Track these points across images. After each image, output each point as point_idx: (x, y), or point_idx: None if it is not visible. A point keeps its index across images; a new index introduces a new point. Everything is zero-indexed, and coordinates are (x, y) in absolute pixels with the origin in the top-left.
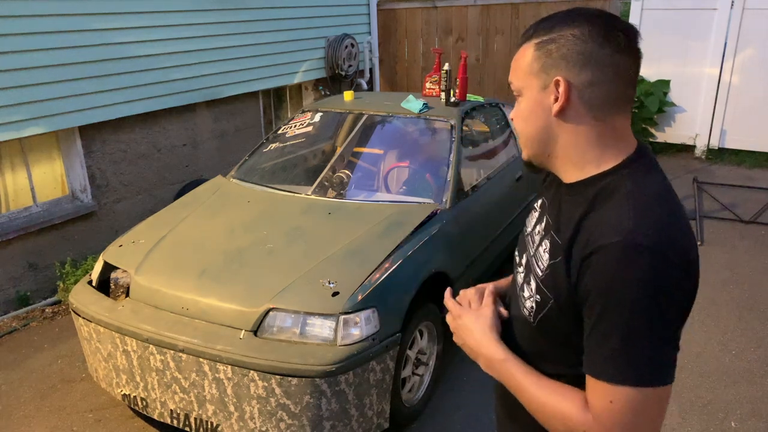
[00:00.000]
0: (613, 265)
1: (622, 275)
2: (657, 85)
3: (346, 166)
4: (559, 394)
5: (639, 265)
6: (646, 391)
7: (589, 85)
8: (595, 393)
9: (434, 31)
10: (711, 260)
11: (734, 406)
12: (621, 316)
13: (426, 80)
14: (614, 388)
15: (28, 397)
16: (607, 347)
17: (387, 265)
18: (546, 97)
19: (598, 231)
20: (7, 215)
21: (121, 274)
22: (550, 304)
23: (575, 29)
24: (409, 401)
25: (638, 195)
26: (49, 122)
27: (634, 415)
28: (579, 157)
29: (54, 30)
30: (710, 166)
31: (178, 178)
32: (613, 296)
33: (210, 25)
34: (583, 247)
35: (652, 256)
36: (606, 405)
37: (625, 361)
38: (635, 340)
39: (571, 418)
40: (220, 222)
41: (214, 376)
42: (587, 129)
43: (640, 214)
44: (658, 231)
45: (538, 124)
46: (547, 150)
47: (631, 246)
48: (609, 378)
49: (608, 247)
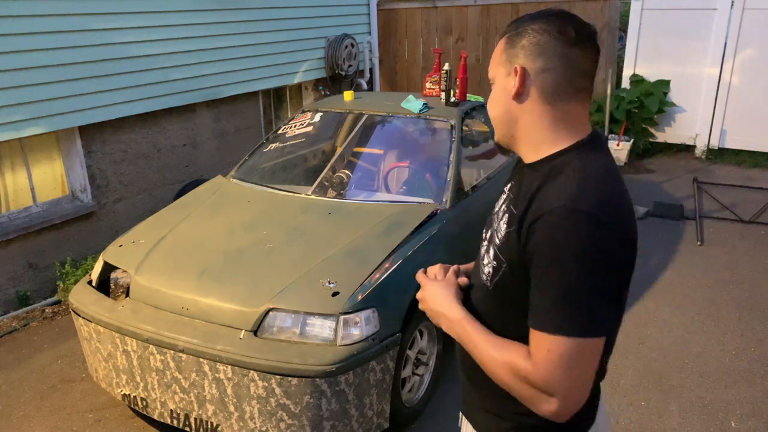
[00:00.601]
0: (554, 226)
1: (562, 235)
2: (657, 85)
3: (346, 166)
4: (506, 348)
5: (577, 226)
6: (579, 342)
7: (541, 72)
8: (535, 343)
9: (434, 31)
10: (711, 260)
11: (734, 406)
12: (558, 272)
13: (426, 80)
14: (551, 338)
15: (28, 397)
16: (546, 300)
17: (387, 265)
18: (508, 83)
19: (546, 200)
20: (7, 215)
21: (121, 274)
22: (503, 269)
23: (536, 24)
24: (409, 401)
25: (584, 171)
26: (49, 122)
27: (568, 363)
28: (535, 138)
29: (54, 30)
30: (710, 166)
31: (178, 178)
32: (553, 254)
33: (210, 25)
34: (532, 215)
35: (589, 219)
36: (544, 354)
37: (561, 312)
38: (571, 294)
39: (515, 367)
40: (220, 222)
41: (214, 376)
42: (541, 112)
43: (583, 185)
44: (597, 199)
45: (501, 107)
46: (510, 131)
47: (571, 209)
48: (545, 328)
49: (552, 212)
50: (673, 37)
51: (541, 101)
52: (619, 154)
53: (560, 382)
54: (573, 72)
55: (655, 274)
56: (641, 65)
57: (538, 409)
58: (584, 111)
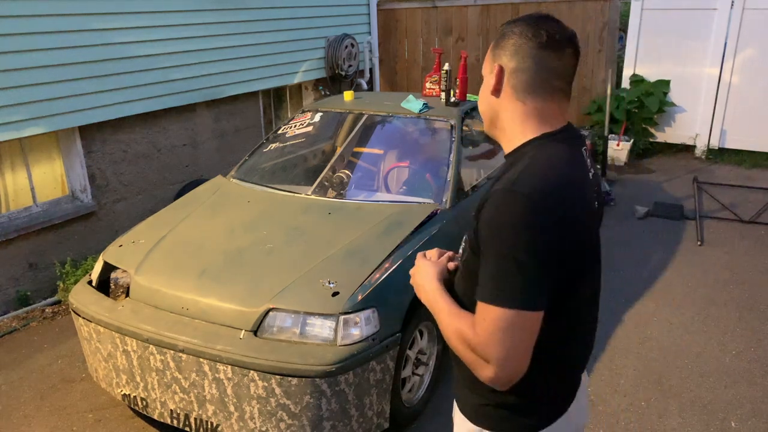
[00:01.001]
0: (493, 207)
1: (497, 213)
2: (657, 85)
3: (346, 166)
4: (459, 316)
5: (511, 206)
6: (512, 313)
7: (514, 71)
8: (477, 312)
9: (434, 31)
10: (711, 260)
11: (734, 406)
12: (494, 247)
13: (426, 80)
14: (487, 307)
15: (28, 397)
16: (486, 273)
17: (387, 265)
18: (491, 80)
19: (497, 185)
20: (7, 215)
21: (121, 274)
22: (466, 248)
23: (516, 28)
24: (409, 401)
25: (534, 158)
26: (49, 122)
27: (502, 332)
28: (509, 131)
29: (54, 30)
30: (710, 166)
31: (178, 178)
32: (490, 231)
33: (210, 25)
34: (484, 198)
35: (522, 199)
36: (482, 321)
37: (496, 284)
38: (504, 268)
39: (462, 333)
40: (220, 222)
41: (214, 376)
42: (513, 107)
43: (527, 171)
44: (533, 183)
45: (485, 102)
46: (493, 123)
47: (508, 191)
48: (484, 298)
49: (494, 193)
50: (673, 37)
51: (514, 97)
52: (619, 154)
53: (494, 348)
54: (544, 72)
55: (655, 274)
56: (641, 65)
57: (479, 374)
58: (559, 108)
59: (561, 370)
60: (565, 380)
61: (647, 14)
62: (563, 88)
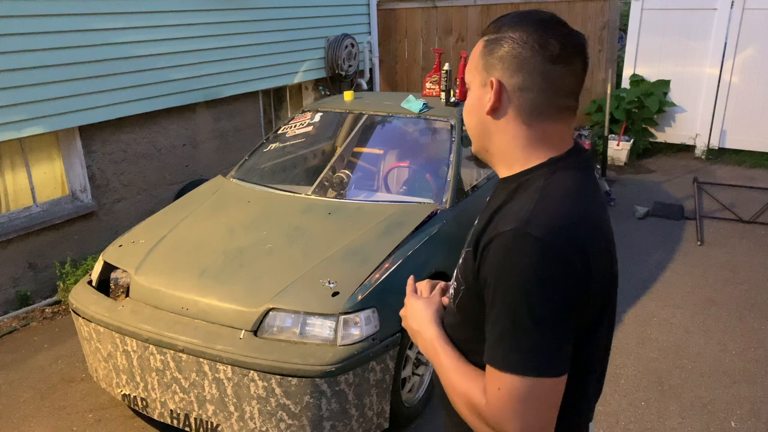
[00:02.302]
0: (503, 251)
1: (509, 261)
2: (657, 85)
3: (346, 166)
4: (467, 377)
5: (524, 253)
6: (531, 381)
7: (518, 90)
8: (488, 378)
9: (434, 31)
10: (711, 260)
11: (734, 406)
12: (506, 302)
13: (426, 80)
14: (500, 375)
15: (28, 397)
16: (496, 332)
17: (387, 265)
18: (484, 95)
19: (502, 221)
20: (7, 215)
21: (121, 274)
22: (462, 290)
23: (516, 32)
24: (409, 401)
25: (546, 190)
26: (49, 122)
27: (520, 403)
28: (509, 157)
29: (54, 30)
30: (710, 166)
31: (178, 178)
32: (501, 281)
33: (210, 25)
34: (488, 235)
35: (538, 245)
36: (494, 391)
37: (509, 347)
38: (518, 327)
39: (470, 399)
40: (220, 222)
41: (214, 376)
42: (516, 131)
43: (540, 207)
44: (550, 222)
45: (475, 119)
46: (485, 145)
47: (521, 234)
48: (493, 362)
49: (502, 234)
50: (673, 37)
51: (518, 120)
52: (619, 154)
53: (511, 423)
54: (555, 91)
55: (655, 274)
56: (641, 65)
57: None
58: (566, 128)
59: (576, 429)
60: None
61: (647, 14)
62: (572, 105)
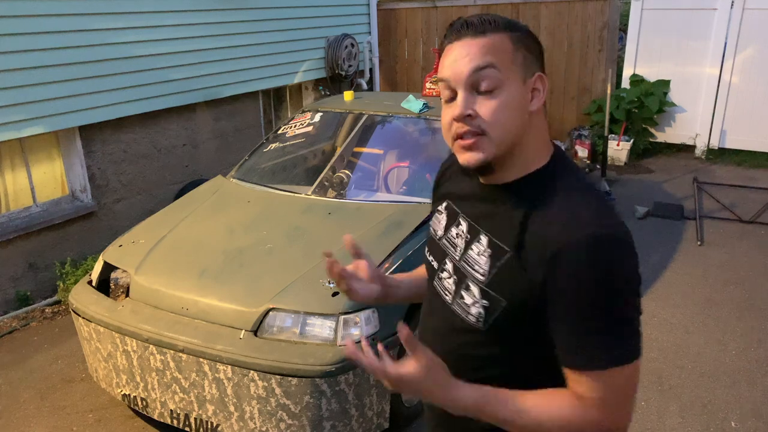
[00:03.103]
0: (587, 259)
1: (600, 267)
2: (657, 85)
3: (346, 166)
4: (548, 404)
5: (612, 255)
6: (633, 366)
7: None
8: (587, 383)
9: (434, 31)
10: (711, 260)
11: (734, 406)
12: (605, 304)
13: (426, 80)
14: (607, 372)
15: (28, 397)
16: (594, 336)
17: (387, 265)
18: (525, 92)
19: (557, 227)
20: (7, 215)
21: (121, 274)
22: (501, 307)
23: (527, 31)
24: (409, 401)
25: (580, 189)
26: (49, 122)
27: (627, 390)
28: (534, 153)
29: (54, 30)
30: (710, 166)
31: (178, 178)
32: (594, 287)
33: (210, 25)
34: (542, 245)
35: (619, 245)
36: (604, 392)
37: (615, 343)
38: (620, 323)
39: (571, 420)
40: (220, 222)
41: (214, 376)
42: (540, 124)
43: (597, 205)
44: (616, 220)
45: (518, 119)
46: (512, 147)
47: (600, 236)
48: (598, 366)
49: (578, 243)
50: (673, 37)
51: (542, 114)
52: (619, 154)
53: (623, 410)
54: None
55: (655, 274)
56: (641, 65)
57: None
58: None
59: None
60: None
61: (647, 14)
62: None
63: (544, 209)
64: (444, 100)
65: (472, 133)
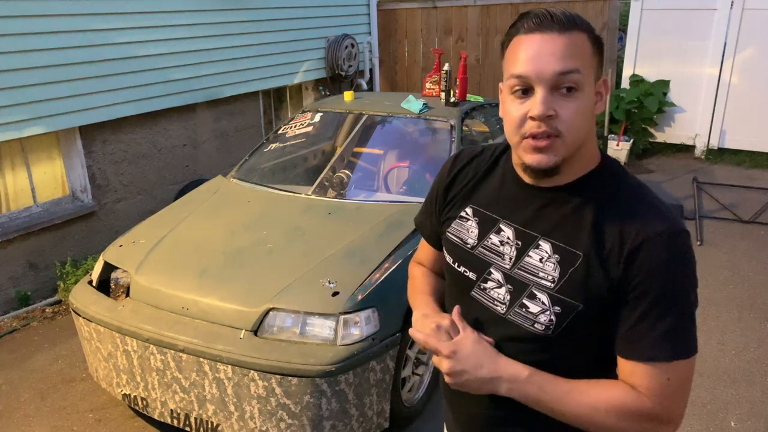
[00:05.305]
0: (665, 252)
1: (678, 260)
2: (657, 85)
3: (346, 166)
4: (603, 391)
5: (685, 248)
6: (693, 360)
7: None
8: (647, 376)
9: (434, 31)
10: (711, 260)
11: (734, 406)
12: (676, 297)
13: (426, 80)
14: (670, 365)
15: (28, 397)
16: (661, 329)
17: (387, 265)
18: (595, 96)
19: (633, 224)
20: (7, 215)
21: (121, 274)
22: (576, 311)
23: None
24: (409, 401)
25: (639, 186)
26: (49, 122)
27: (686, 383)
28: (588, 154)
29: (54, 30)
30: (710, 166)
31: (178, 178)
32: (667, 279)
33: (210, 25)
34: (620, 242)
35: (689, 239)
36: (663, 383)
37: (682, 336)
38: (687, 316)
39: (626, 408)
40: (220, 222)
41: (215, 375)
42: (594, 126)
43: (659, 203)
44: (678, 217)
45: (589, 123)
46: (579, 149)
47: (676, 232)
48: (661, 358)
49: (658, 237)
50: (673, 37)
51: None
52: (618, 154)
53: (679, 405)
54: None
55: None
56: (641, 65)
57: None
58: None
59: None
60: None
61: (647, 14)
62: None
63: (614, 207)
64: (510, 91)
65: (548, 134)
